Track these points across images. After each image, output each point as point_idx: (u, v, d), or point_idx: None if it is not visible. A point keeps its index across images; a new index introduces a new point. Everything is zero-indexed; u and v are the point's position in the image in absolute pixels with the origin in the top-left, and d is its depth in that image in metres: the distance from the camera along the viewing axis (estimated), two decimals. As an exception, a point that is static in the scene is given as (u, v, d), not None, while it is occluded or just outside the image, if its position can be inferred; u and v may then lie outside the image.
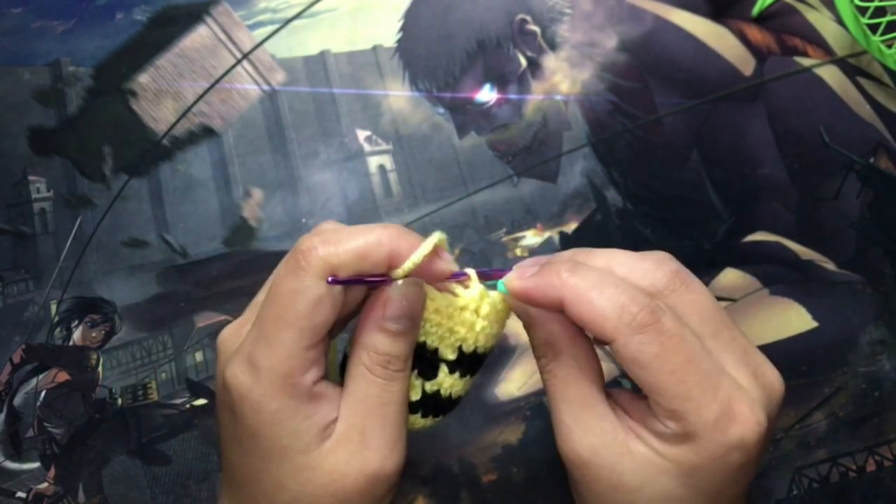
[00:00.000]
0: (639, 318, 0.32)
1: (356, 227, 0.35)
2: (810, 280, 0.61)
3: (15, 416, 0.59)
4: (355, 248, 0.34)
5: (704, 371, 0.33)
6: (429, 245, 0.35)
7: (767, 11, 0.67)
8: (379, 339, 0.35)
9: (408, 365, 0.35)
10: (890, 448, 0.57)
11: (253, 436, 0.35)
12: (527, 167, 0.65)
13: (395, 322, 0.34)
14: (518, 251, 0.63)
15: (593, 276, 0.33)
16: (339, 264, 0.33)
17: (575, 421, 0.35)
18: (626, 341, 0.33)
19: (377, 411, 0.35)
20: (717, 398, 0.33)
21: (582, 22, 0.67)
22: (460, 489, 0.57)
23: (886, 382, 0.58)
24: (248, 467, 0.36)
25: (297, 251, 0.34)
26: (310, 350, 0.34)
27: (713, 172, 0.64)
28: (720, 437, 0.33)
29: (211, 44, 0.67)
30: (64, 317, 0.61)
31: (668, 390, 0.33)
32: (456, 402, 0.38)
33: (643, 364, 0.33)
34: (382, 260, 0.34)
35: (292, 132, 0.66)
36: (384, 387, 0.35)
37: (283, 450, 0.34)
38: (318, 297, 0.33)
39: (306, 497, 0.35)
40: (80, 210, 0.64)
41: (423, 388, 0.37)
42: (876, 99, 0.65)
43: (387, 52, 0.67)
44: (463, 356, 0.37)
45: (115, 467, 0.58)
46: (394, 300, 0.34)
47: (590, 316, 0.33)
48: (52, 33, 0.68)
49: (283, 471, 0.35)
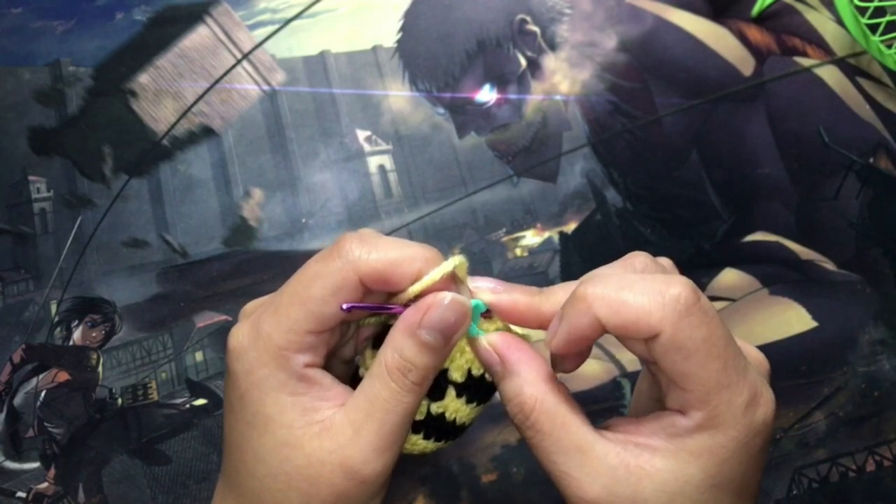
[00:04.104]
0: (682, 299, 0.30)
1: (396, 239, 0.35)
2: (810, 280, 0.61)
3: (15, 416, 0.59)
4: (390, 257, 0.34)
5: (736, 354, 0.31)
6: (448, 266, 0.35)
7: (767, 11, 0.67)
8: (408, 344, 0.34)
9: (426, 382, 0.35)
10: (889, 448, 0.57)
11: (241, 398, 0.35)
12: (527, 167, 0.65)
13: (429, 333, 0.34)
14: (518, 251, 0.63)
15: (613, 280, 0.32)
16: (370, 267, 0.34)
17: (579, 469, 0.33)
18: (676, 328, 0.30)
19: (379, 415, 0.34)
20: (748, 381, 0.31)
21: (582, 22, 0.67)
22: (460, 489, 0.57)
23: (886, 382, 0.58)
24: (236, 433, 0.36)
25: (336, 243, 0.35)
26: (312, 335, 0.34)
27: (713, 172, 0.64)
28: (748, 421, 0.32)
29: (211, 44, 0.67)
30: (64, 317, 0.61)
31: (710, 378, 0.31)
32: (461, 429, 0.38)
33: (690, 351, 0.31)
34: (412, 276, 0.34)
35: (292, 132, 0.66)
36: (396, 394, 0.34)
37: (267, 419, 0.35)
38: (335, 287, 0.34)
39: (282, 475, 0.35)
40: (80, 210, 0.64)
41: (428, 407, 0.37)
42: (875, 99, 0.65)
43: (387, 52, 0.67)
44: (471, 380, 0.37)
45: (115, 467, 0.58)
46: (434, 310, 0.34)
47: (632, 316, 0.31)
48: (52, 33, 0.68)
49: (263, 442, 0.35)
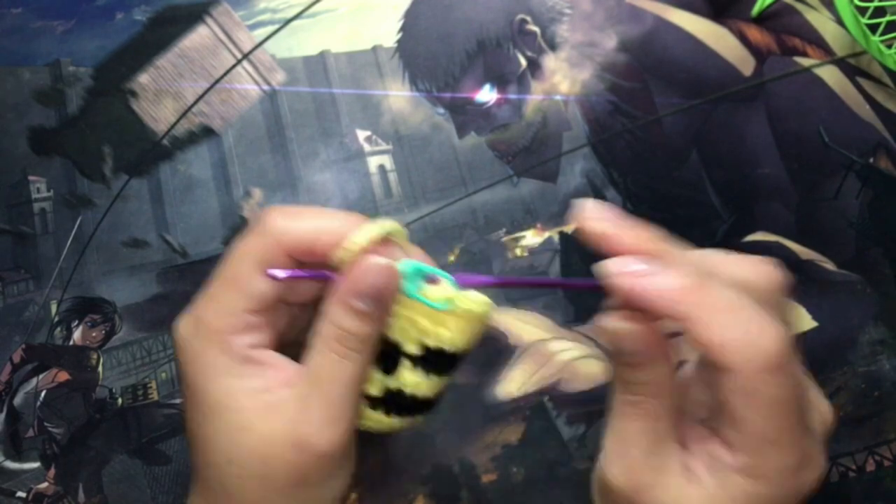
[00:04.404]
0: (774, 358, 0.28)
1: (323, 209, 0.35)
2: (810, 280, 0.61)
3: (15, 416, 0.59)
4: (313, 226, 0.34)
5: (803, 416, 0.30)
6: (372, 230, 0.33)
7: (767, 12, 0.67)
8: (339, 312, 0.33)
9: (366, 348, 0.34)
10: (890, 448, 0.57)
11: (189, 387, 0.35)
12: (527, 167, 0.65)
13: (359, 299, 0.33)
14: (518, 251, 0.63)
15: (727, 294, 0.29)
16: (293, 238, 0.34)
17: (645, 458, 0.32)
18: (748, 379, 0.29)
19: (323, 386, 0.33)
20: (806, 443, 0.30)
21: (582, 22, 0.67)
22: (460, 489, 0.57)
23: (886, 382, 0.58)
24: (193, 424, 0.36)
25: (260, 217, 0.34)
26: (250, 314, 0.34)
27: (713, 172, 0.64)
28: (794, 483, 0.30)
29: (211, 44, 0.67)
30: (64, 317, 0.61)
31: (769, 433, 0.29)
32: (426, 403, 0.36)
33: (756, 406, 0.29)
34: (338, 244, 0.34)
35: (292, 132, 0.66)
36: (336, 363, 0.33)
37: (217, 405, 0.34)
38: (260, 262, 0.34)
39: (237, 460, 0.34)
40: (80, 210, 0.64)
41: (386, 384, 0.35)
42: (875, 99, 0.65)
43: (387, 52, 0.67)
44: (428, 352, 0.35)
45: (115, 467, 0.58)
46: (360, 275, 0.33)
47: (713, 341, 0.29)
48: (52, 33, 0.68)
49: (216, 428, 0.34)
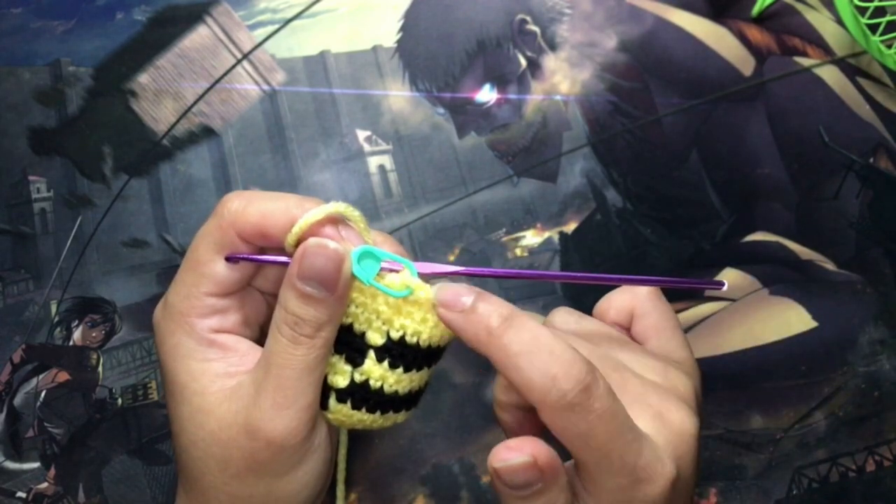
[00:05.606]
0: (569, 396, 0.30)
1: (279, 193, 0.36)
2: (810, 280, 0.61)
3: (15, 416, 0.59)
4: (264, 209, 0.34)
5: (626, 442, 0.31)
6: (319, 212, 0.33)
7: (767, 11, 0.67)
8: (290, 296, 0.33)
9: (320, 335, 0.33)
10: (889, 448, 0.57)
11: (162, 368, 0.36)
12: (527, 167, 0.65)
13: (306, 283, 0.33)
14: (518, 251, 0.63)
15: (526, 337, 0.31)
16: (245, 221, 0.35)
17: None
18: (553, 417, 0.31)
19: (275, 371, 0.33)
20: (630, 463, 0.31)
21: (582, 22, 0.67)
22: (460, 489, 0.57)
23: (886, 382, 0.58)
24: (168, 408, 0.37)
25: (219, 202, 0.36)
26: (213, 297, 0.35)
27: (713, 172, 0.64)
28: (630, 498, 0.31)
29: (211, 44, 0.67)
30: (64, 317, 0.61)
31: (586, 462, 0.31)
32: (395, 397, 0.35)
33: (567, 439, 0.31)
34: (289, 227, 0.34)
35: (292, 132, 0.66)
36: (287, 348, 0.33)
37: (182, 387, 0.35)
38: (218, 245, 0.35)
39: (199, 442, 0.35)
40: (80, 210, 0.64)
41: (351, 375, 0.35)
42: (875, 99, 0.65)
43: (387, 52, 0.67)
44: (392, 343, 0.34)
45: (115, 467, 0.58)
46: (305, 258, 0.33)
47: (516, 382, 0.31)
48: (52, 33, 0.68)
49: (182, 410, 0.35)
